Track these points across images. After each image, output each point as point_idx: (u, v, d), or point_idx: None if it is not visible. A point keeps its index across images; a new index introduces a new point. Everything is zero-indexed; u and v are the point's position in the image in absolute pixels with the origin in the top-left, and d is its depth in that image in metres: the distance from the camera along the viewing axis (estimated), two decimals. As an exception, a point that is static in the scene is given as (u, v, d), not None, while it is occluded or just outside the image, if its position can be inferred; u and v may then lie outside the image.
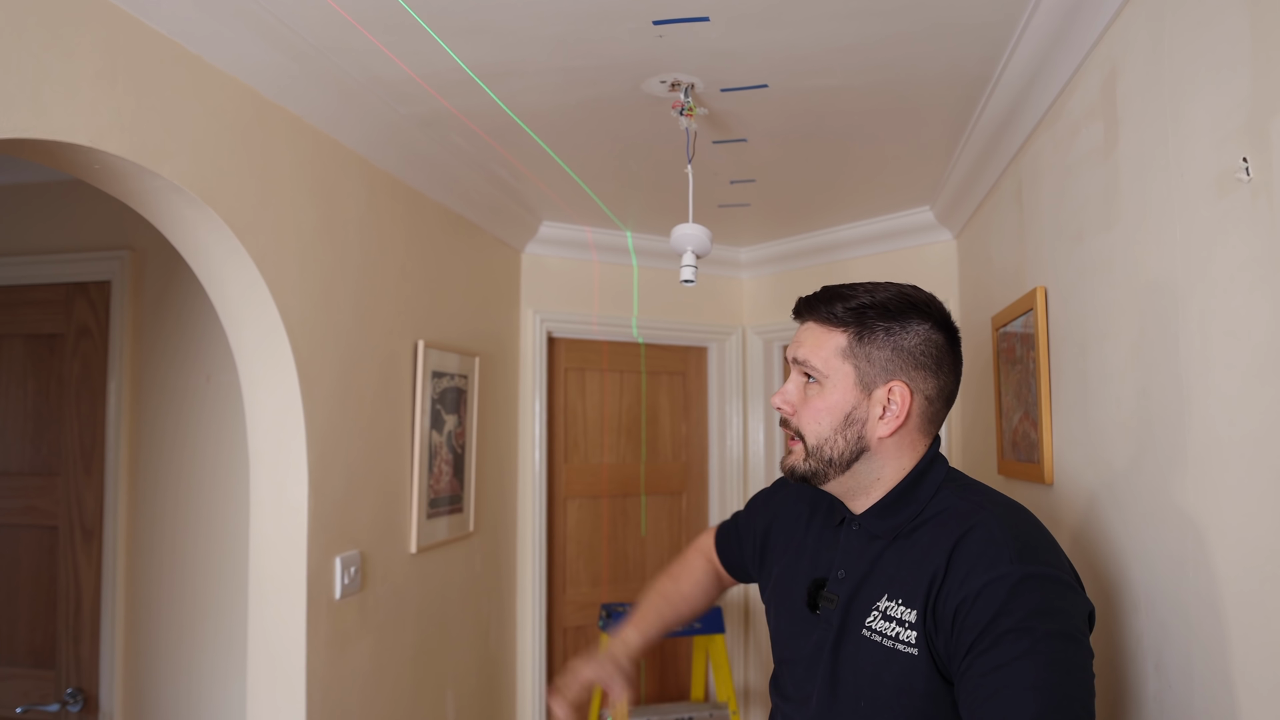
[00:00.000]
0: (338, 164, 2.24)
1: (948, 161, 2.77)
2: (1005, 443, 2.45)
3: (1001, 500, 1.33)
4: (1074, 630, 1.18)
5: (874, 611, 1.33)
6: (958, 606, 1.20)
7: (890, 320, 1.34)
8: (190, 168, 1.69)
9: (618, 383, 3.95)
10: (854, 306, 1.34)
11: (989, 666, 1.16)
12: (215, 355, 2.83)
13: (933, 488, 1.36)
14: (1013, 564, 1.19)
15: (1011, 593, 1.17)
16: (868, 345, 1.34)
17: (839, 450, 1.35)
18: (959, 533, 1.26)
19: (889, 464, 1.37)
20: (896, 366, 1.33)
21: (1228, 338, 1.21)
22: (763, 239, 3.87)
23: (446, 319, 2.86)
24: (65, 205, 2.95)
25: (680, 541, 4.08)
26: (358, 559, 2.29)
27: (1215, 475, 1.26)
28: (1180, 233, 1.35)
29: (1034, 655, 1.14)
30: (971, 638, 1.18)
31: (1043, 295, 2.07)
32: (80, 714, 2.87)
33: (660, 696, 3.99)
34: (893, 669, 1.28)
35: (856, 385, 1.34)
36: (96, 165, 1.55)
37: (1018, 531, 1.24)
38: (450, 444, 2.84)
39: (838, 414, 1.35)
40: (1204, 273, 1.28)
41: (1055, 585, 1.20)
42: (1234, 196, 1.18)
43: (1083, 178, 1.81)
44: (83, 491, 2.90)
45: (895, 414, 1.33)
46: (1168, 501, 1.42)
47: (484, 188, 2.94)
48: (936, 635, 1.24)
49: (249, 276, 1.94)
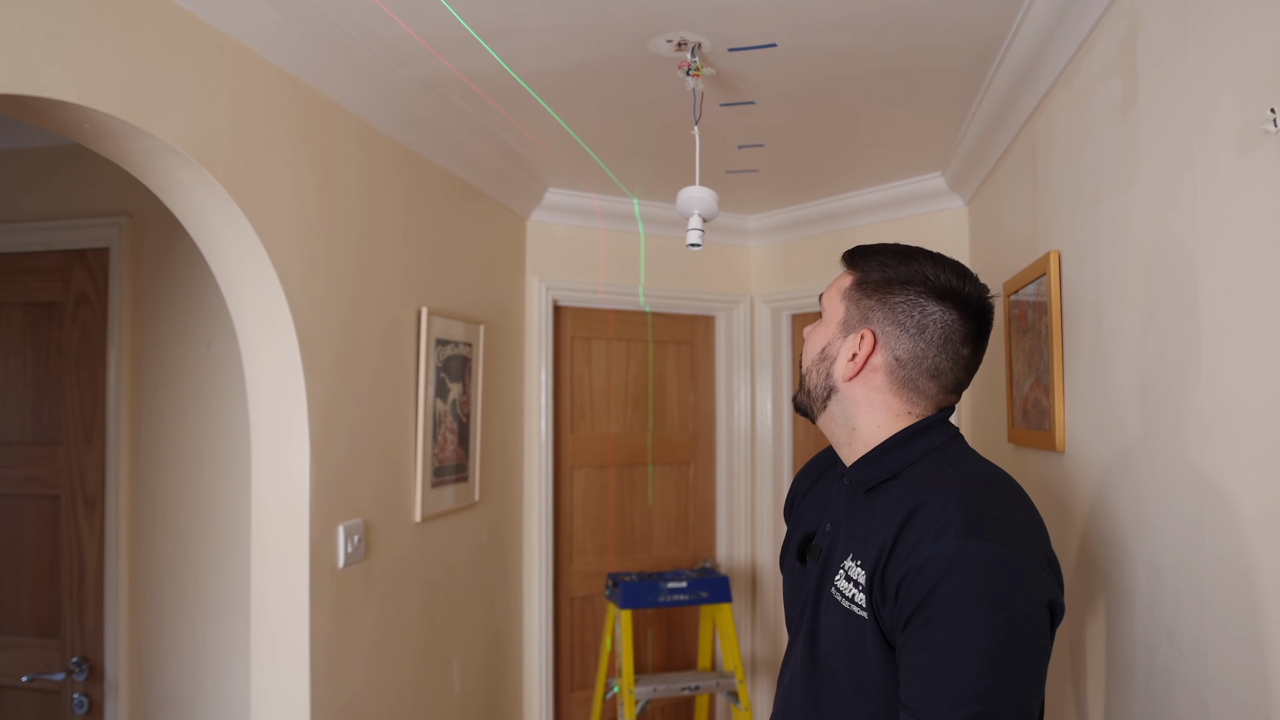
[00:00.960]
0: (337, 126, 2.19)
1: (960, 125, 2.72)
2: (1016, 411, 2.42)
3: (981, 472, 1.28)
4: (1016, 618, 1.11)
5: (840, 570, 1.31)
6: (902, 578, 1.16)
7: (889, 275, 1.34)
8: (184, 128, 1.65)
9: (624, 352, 3.92)
10: (870, 255, 1.37)
11: (919, 645, 1.13)
12: (216, 323, 2.81)
13: (917, 453, 1.32)
14: (957, 539, 1.13)
15: (949, 570, 1.12)
16: (863, 294, 1.35)
17: (815, 383, 1.40)
18: (916, 502, 1.21)
19: (860, 415, 1.36)
20: (877, 317, 1.33)
21: (1250, 297, 1.17)
22: (771, 206, 3.82)
23: (450, 286, 2.83)
24: (61, 171, 2.92)
25: (687, 512, 4.06)
26: (361, 528, 2.27)
27: (1235, 439, 1.22)
28: (1201, 190, 1.31)
29: (963, 639, 1.10)
30: (909, 612, 1.15)
31: (1056, 259, 2.02)
32: (85, 683, 2.87)
33: (667, 666, 3.98)
34: (849, 630, 1.26)
35: (841, 325, 1.37)
36: (87, 125, 1.52)
37: (975, 505, 1.18)
38: (455, 412, 2.82)
39: (818, 347, 1.40)
40: (1225, 230, 1.23)
41: (1001, 566, 1.13)
42: (1260, 150, 1.13)
43: (1099, 138, 1.76)
44: (84, 461, 2.88)
45: (858, 359, 1.33)
46: (1184, 467, 1.38)
47: (488, 153, 2.89)
48: (882, 604, 1.20)
49: (248, 241, 1.91)
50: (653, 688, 3.29)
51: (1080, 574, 1.92)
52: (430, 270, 2.69)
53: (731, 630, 3.41)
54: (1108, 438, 1.73)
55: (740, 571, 4.05)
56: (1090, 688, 1.87)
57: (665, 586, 3.34)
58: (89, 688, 2.87)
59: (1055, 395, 2.02)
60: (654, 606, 3.35)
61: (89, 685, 2.87)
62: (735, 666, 3.37)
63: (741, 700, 3.35)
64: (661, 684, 3.32)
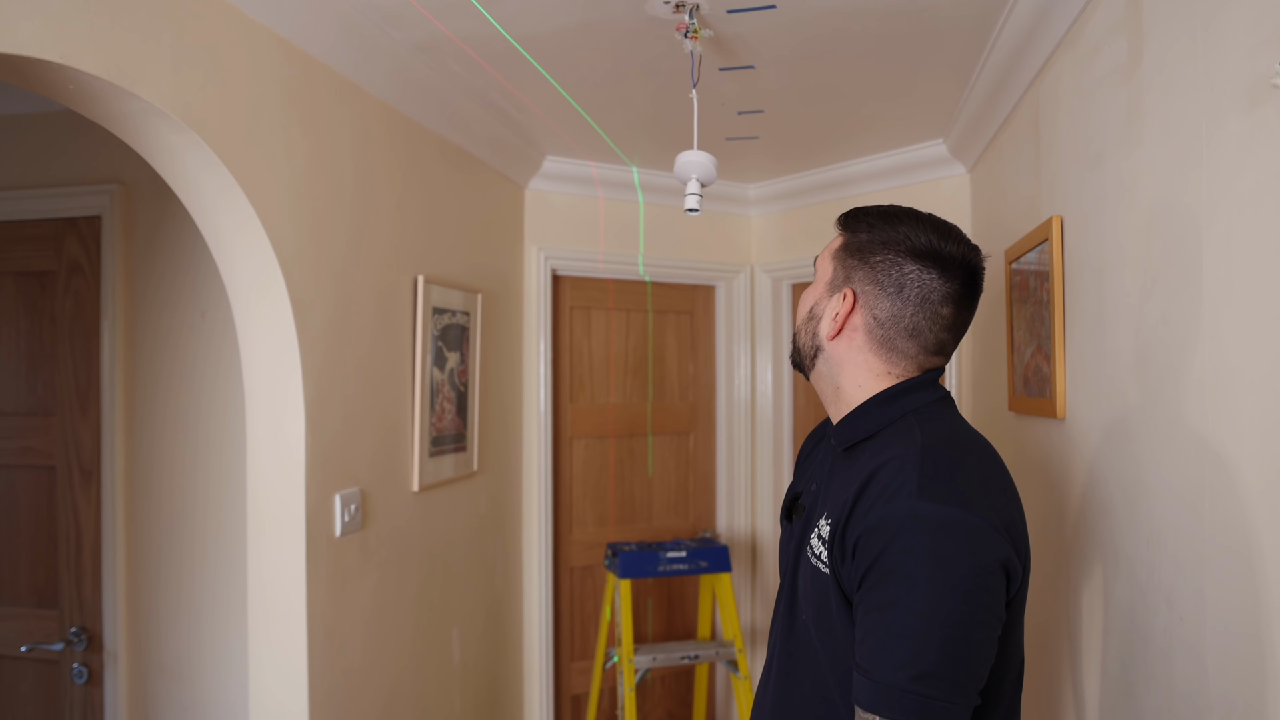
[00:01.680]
0: (328, 90, 2.16)
1: (962, 90, 2.68)
2: (1017, 380, 2.40)
3: (947, 435, 1.26)
4: (965, 581, 1.11)
5: (815, 528, 1.31)
6: (858, 538, 1.16)
7: (873, 236, 1.34)
8: (171, 90, 1.62)
9: (624, 322, 3.89)
10: (860, 217, 1.38)
11: (870, 605, 1.14)
12: (210, 291, 2.79)
13: (896, 414, 1.31)
14: (908, 500, 1.13)
15: (899, 530, 1.12)
16: (849, 253, 1.37)
17: (804, 342, 1.43)
18: (879, 463, 1.21)
19: (843, 374, 1.37)
20: (858, 277, 1.34)
21: (1255, 256, 1.15)
22: (771, 175, 3.78)
23: (447, 254, 2.80)
24: (52, 139, 2.89)
25: (687, 481, 4.05)
26: (358, 497, 2.26)
27: (1235, 404, 1.20)
28: (1206, 148, 1.28)
29: (909, 601, 1.10)
30: (863, 572, 1.15)
31: (1059, 225, 2.00)
32: (85, 652, 2.88)
33: (667, 635, 3.99)
34: (816, 586, 1.28)
35: (827, 285, 1.39)
36: (71, 86, 1.49)
37: (930, 467, 1.18)
38: (453, 382, 2.80)
39: (807, 306, 1.43)
40: (1231, 189, 1.21)
41: (949, 528, 1.12)
42: (1268, 106, 1.11)
43: (1104, 99, 1.73)
44: (79, 431, 2.87)
45: (838, 318, 1.35)
46: (1184, 432, 1.36)
47: (484, 119, 2.86)
48: (841, 563, 1.21)
49: (240, 209, 1.88)
50: (652, 657, 3.29)
51: (1079, 540, 1.90)
52: (426, 238, 2.66)
53: (731, 600, 3.41)
54: (1109, 404, 1.71)
55: (740, 541, 4.04)
56: (1086, 654, 1.86)
57: (665, 556, 3.34)
58: (88, 657, 2.88)
59: (1056, 362, 2.00)
60: (653, 576, 3.35)
61: (88, 655, 2.88)
62: (735, 636, 3.37)
63: (741, 669, 3.35)
64: (661, 653, 3.32)
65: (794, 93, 2.71)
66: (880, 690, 1.10)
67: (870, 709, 1.11)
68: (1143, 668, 1.54)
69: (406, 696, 2.53)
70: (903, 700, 1.09)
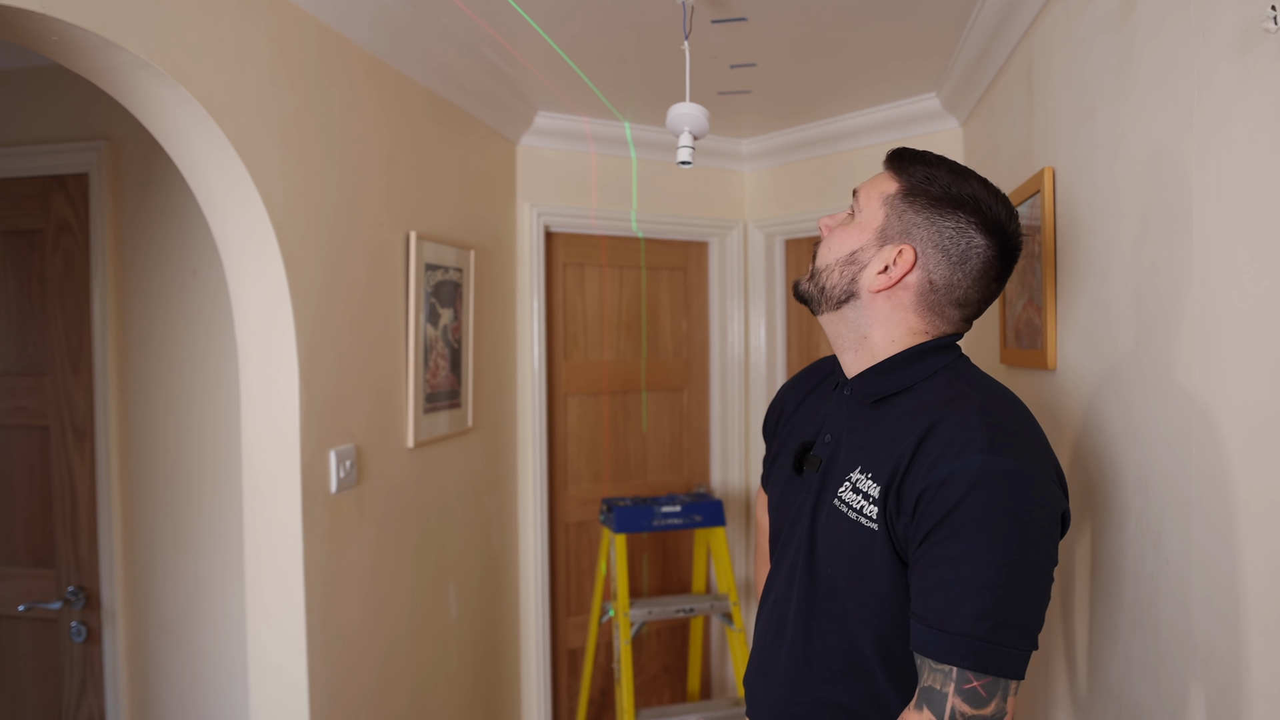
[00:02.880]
0: (318, 44, 2.14)
1: (955, 42, 2.66)
2: (1009, 332, 2.40)
3: (993, 390, 1.29)
4: (1036, 533, 1.15)
5: (845, 482, 1.32)
6: (921, 493, 1.18)
7: (943, 196, 1.31)
8: (157, 41, 1.61)
9: (617, 278, 3.89)
10: (920, 163, 1.34)
11: (941, 558, 1.15)
12: (200, 248, 2.78)
13: (928, 370, 1.33)
14: (981, 454, 1.15)
15: (974, 484, 1.14)
16: (909, 206, 1.32)
17: (833, 283, 1.36)
18: (934, 417, 1.22)
19: (876, 326, 1.35)
20: (920, 237, 1.31)
21: (1244, 202, 1.15)
22: (764, 130, 3.76)
23: (439, 211, 2.79)
24: (36, 95, 2.86)
25: (681, 437, 4.07)
26: (353, 453, 2.27)
27: (1225, 347, 1.21)
28: (1199, 94, 1.28)
29: (987, 553, 1.12)
30: (929, 526, 1.16)
31: (1050, 175, 1.99)
32: (83, 611, 2.90)
33: (662, 590, 4.02)
34: (855, 542, 1.28)
35: (877, 232, 1.34)
36: (54, 37, 1.47)
37: (995, 421, 1.20)
38: (446, 338, 2.80)
39: (847, 248, 1.35)
40: (1221, 135, 1.21)
41: (1023, 481, 1.15)
42: (1259, 50, 1.10)
43: (1096, 48, 1.72)
44: (72, 390, 2.87)
45: (892, 274, 1.31)
46: (1173, 380, 1.37)
47: (475, 74, 2.83)
48: (898, 518, 1.22)
49: (231, 165, 1.87)
50: (648, 610, 3.32)
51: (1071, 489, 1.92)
52: (418, 194, 2.65)
53: (725, 553, 3.44)
54: (1099, 353, 1.72)
55: (734, 496, 4.07)
56: (1076, 599, 1.89)
57: (659, 511, 3.36)
58: (86, 616, 2.90)
59: (1048, 313, 2.00)
60: (648, 531, 3.37)
61: (86, 613, 2.90)
62: (729, 589, 3.41)
63: (735, 622, 3.39)
64: (656, 607, 3.35)
65: (787, 46, 2.69)
66: (957, 641, 1.13)
67: (945, 660, 1.14)
68: (1129, 612, 1.56)
69: (404, 651, 2.56)
70: (982, 650, 1.12)
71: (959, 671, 1.13)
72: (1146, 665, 1.49)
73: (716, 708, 3.34)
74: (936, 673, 1.15)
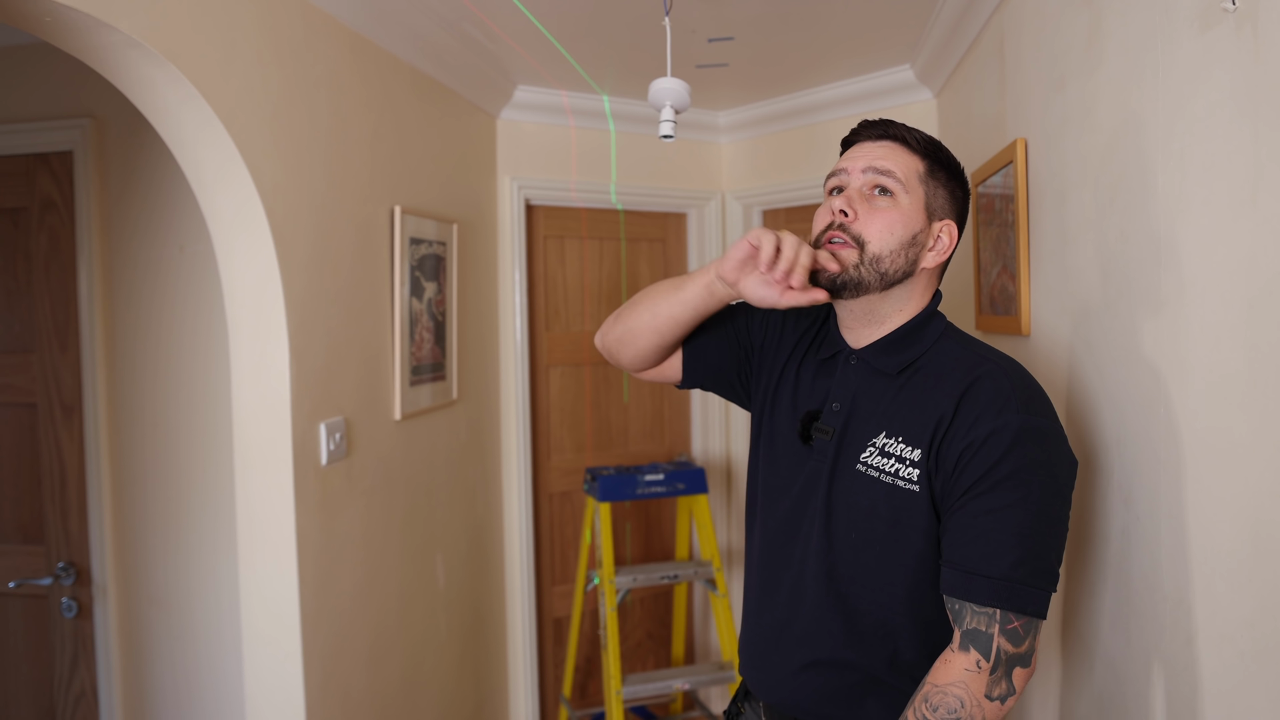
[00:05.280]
0: (303, 22, 2.16)
1: (929, 14, 2.71)
2: (984, 299, 2.46)
3: (1003, 355, 1.40)
4: (1062, 485, 1.28)
5: (870, 447, 1.40)
6: (963, 450, 1.28)
7: (953, 168, 1.44)
8: (148, 21, 1.63)
9: (597, 250, 3.92)
10: (929, 141, 1.43)
11: (982, 509, 1.25)
12: (187, 225, 2.79)
13: (935, 334, 1.43)
14: (1018, 414, 1.26)
15: (1015, 441, 1.25)
16: (934, 181, 1.42)
17: (896, 267, 1.39)
18: (968, 380, 1.32)
19: (914, 299, 1.45)
20: (950, 210, 1.43)
21: (1206, 173, 1.21)
22: (741, 102, 3.80)
23: (423, 185, 2.82)
24: (19, 73, 2.85)
25: (662, 407, 4.12)
26: (342, 425, 2.30)
27: (1189, 311, 1.27)
28: (1163, 70, 1.33)
29: (1026, 504, 1.24)
30: (971, 480, 1.27)
31: (1023, 146, 2.05)
32: (73, 586, 2.92)
33: (645, 558, 4.09)
34: (892, 503, 1.36)
35: (925, 210, 1.41)
36: (47, 18, 1.50)
37: (1023, 384, 1.32)
38: (431, 311, 2.83)
39: (909, 230, 1.39)
40: (1184, 109, 1.26)
41: (1053, 440, 1.28)
42: (1219, 29, 1.15)
43: (1065, 23, 1.77)
44: (59, 367, 2.89)
45: (942, 249, 1.42)
46: (1140, 341, 1.44)
47: (456, 49, 2.85)
48: (936, 475, 1.31)
49: (220, 141, 1.89)
50: (633, 577, 3.38)
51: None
52: (401, 168, 2.68)
53: (708, 520, 3.50)
54: (1070, 318, 1.78)
55: (715, 465, 4.13)
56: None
57: (643, 479, 3.41)
58: (77, 591, 2.93)
59: (1021, 280, 2.06)
60: (632, 499, 3.43)
61: (76, 589, 2.93)
62: (712, 555, 3.47)
63: (719, 587, 3.46)
64: (641, 574, 3.41)
65: (764, 19, 2.72)
66: (1002, 586, 1.23)
67: (990, 603, 1.24)
68: (1102, 566, 1.64)
69: (395, 621, 2.61)
70: (1024, 593, 1.23)
71: (1002, 613, 1.24)
72: (1119, 618, 1.56)
73: (701, 672, 3.41)
74: (980, 615, 1.25)
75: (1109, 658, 1.61)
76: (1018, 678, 1.26)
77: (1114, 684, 1.58)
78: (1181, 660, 1.32)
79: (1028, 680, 1.27)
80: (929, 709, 1.27)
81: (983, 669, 1.25)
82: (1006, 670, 1.25)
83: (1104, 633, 1.63)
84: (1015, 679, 1.25)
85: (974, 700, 1.24)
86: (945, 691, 1.26)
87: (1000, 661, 1.24)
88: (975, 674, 1.25)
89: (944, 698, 1.26)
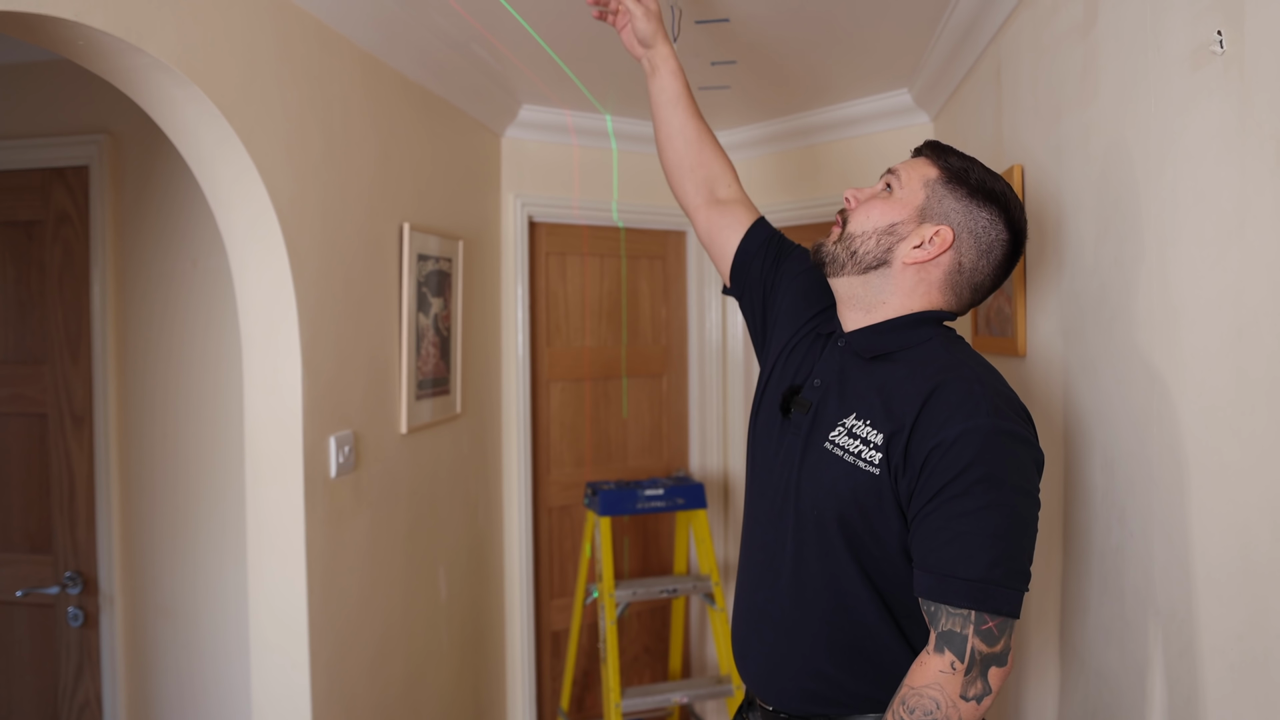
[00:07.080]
0: (320, 43, 2.21)
1: (928, 41, 2.77)
2: (980, 320, 2.52)
3: (982, 361, 1.43)
4: (1032, 487, 1.31)
5: (839, 427, 1.43)
6: (932, 450, 1.30)
7: (980, 188, 1.44)
8: (175, 44, 1.68)
9: (598, 267, 3.98)
10: (961, 161, 1.47)
11: (955, 512, 1.28)
12: (200, 240, 2.84)
13: (925, 334, 1.45)
14: (989, 417, 1.28)
15: (986, 444, 1.27)
16: (949, 192, 1.45)
17: (867, 249, 1.47)
18: (938, 379, 1.35)
19: (898, 294, 1.47)
20: (956, 221, 1.44)
21: (1197, 204, 1.26)
22: (741, 123, 3.85)
23: (430, 202, 2.87)
24: (36, 89, 2.90)
25: (661, 423, 4.17)
26: (351, 438, 2.34)
27: (1181, 337, 1.33)
28: (1155, 105, 1.39)
29: (999, 507, 1.26)
30: (942, 482, 1.29)
31: (1020, 173, 2.10)
32: (80, 596, 2.95)
33: (643, 572, 4.13)
34: (849, 483, 1.39)
35: (917, 210, 1.45)
36: (80, 42, 1.54)
37: (994, 389, 1.34)
38: (436, 326, 2.88)
39: (885, 220, 1.46)
40: (1176, 143, 1.32)
41: (1022, 443, 1.30)
42: (1208, 69, 1.21)
43: (1061, 56, 1.83)
44: (70, 379, 2.93)
45: (928, 250, 1.43)
46: (1135, 364, 1.49)
47: (465, 69, 2.91)
48: (904, 472, 1.34)
49: (237, 157, 1.93)
50: (632, 591, 3.42)
51: (1038, 471, 2.03)
52: (410, 186, 2.73)
53: (707, 535, 3.54)
54: (1066, 340, 1.83)
55: (713, 480, 4.18)
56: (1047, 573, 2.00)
57: (643, 494, 3.45)
58: (83, 601, 2.96)
59: (1018, 303, 2.12)
60: (632, 513, 3.46)
61: (83, 598, 2.95)
62: (711, 570, 3.51)
63: (717, 601, 3.50)
64: (640, 588, 3.45)
65: (766, 45, 2.78)
66: (977, 588, 1.26)
67: (965, 605, 1.27)
68: (1097, 582, 1.68)
69: (398, 632, 2.64)
70: (999, 594, 1.26)
71: (977, 614, 1.27)
72: (1113, 632, 1.61)
73: (698, 686, 3.45)
74: (955, 617, 1.28)
75: (1104, 671, 1.66)
76: (994, 677, 1.28)
77: (1108, 694, 1.63)
78: (1175, 672, 1.36)
79: (1004, 679, 1.30)
80: (906, 711, 1.31)
81: (957, 670, 1.28)
82: (982, 670, 1.28)
83: (1098, 645, 1.68)
84: (991, 679, 1.28)
85: (949, 701, 1.27)
86: (921, 693, 1.30)
87: (975, 662, 1.27)
88: (950, 675, 1.28)
89: (920, 699, 1.29)
